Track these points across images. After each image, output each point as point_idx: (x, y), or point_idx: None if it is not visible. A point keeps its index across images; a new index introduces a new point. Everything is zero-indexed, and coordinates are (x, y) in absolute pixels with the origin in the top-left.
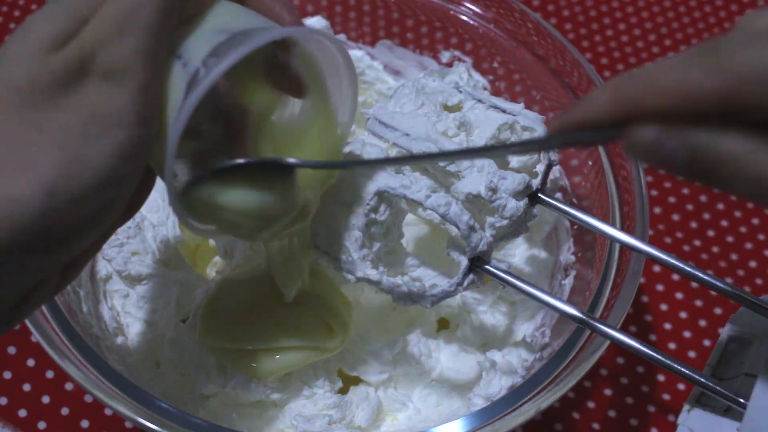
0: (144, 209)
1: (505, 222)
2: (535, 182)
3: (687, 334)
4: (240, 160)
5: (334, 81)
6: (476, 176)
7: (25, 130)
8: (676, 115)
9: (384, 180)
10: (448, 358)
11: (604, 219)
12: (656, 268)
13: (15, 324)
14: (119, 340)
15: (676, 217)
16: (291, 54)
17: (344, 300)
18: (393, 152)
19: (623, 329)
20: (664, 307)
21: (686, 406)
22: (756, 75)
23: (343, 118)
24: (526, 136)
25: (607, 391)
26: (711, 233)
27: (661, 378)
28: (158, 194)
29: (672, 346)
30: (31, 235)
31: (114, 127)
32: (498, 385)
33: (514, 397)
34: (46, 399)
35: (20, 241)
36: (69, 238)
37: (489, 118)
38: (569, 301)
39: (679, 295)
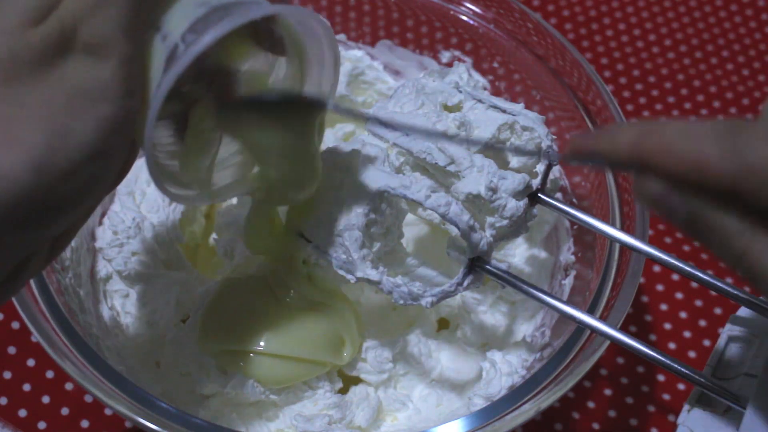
0: (144, 209)
1: (505, 222)
2: (535, 182)
3: (687, 334)
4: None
5: (315, 51)
6: (476, 176)
7: (8, 106)
8: (684, 180)
9: (384, 180)
10: (448, 358)
11: (604, 219)
12: (656, 268)
13: (4, 300)
14: (119, 340)
15: None
16: (271, 20)
17: (358, 315)
18: (393, 152)
19: (623, 329)
20: (664, 307)
21: (686, 406)
22: (764, 171)
23: (325, 88)
24: (526, 136)
25: (607, 391)
26: None
27: (661, 378)
28: (158, 194)
29: (672, 346)
30: (21, 210)
31: (98, 100)
32: (498, 385)
33: (514, 397)
34: (46, 399)
35: (10, 217)
36: (58, 212)
37: (489, 118)
38: (569, 301)
39: (679, 295)
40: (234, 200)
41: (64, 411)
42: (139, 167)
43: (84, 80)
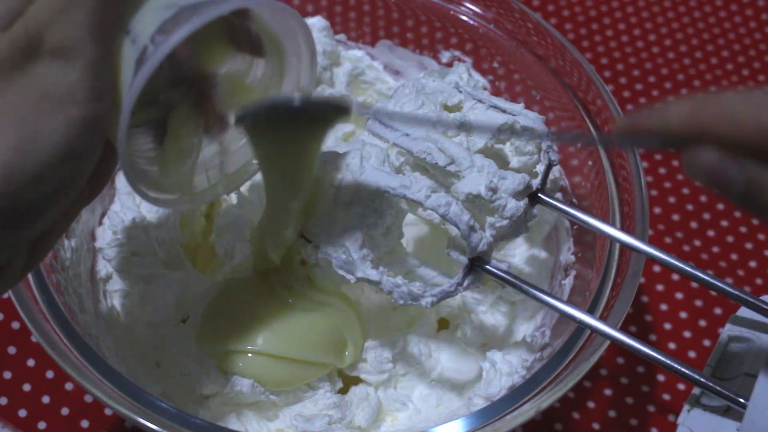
0: (144, 209)
1: (505, 222)
2: (535, 182)
3: (687, 334)
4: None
5: (291, 44)
6: (476, 176)
7: None
8: (744, 147)
9: (384, 180)
10: (448, 358)
11: (604, 219)
12: (656, 268)
13: None
14: (119, 340)
15: (676, 217)
16: (246, 18)
17: (360, 316)
18: (393, 152)
19: (623, 329)
20: (664, 307)
21: (686, 406)
22: None
23: (304, 82)
24: (526, 136)
25: (607, 391)
26: (711, 233)
27: (661, 378)
28: None
29: (672, 346)
30: None
31: (66, 104)
32: (498, 385)
33: (514, 397)
34: (46, 399)
35: None
36: (31, 215)
37: (489, 118)
38: (569, 301)
39: (679, 295)
40: (234, 200)
41: (64, 411)
42: None
43: (52, 84)
